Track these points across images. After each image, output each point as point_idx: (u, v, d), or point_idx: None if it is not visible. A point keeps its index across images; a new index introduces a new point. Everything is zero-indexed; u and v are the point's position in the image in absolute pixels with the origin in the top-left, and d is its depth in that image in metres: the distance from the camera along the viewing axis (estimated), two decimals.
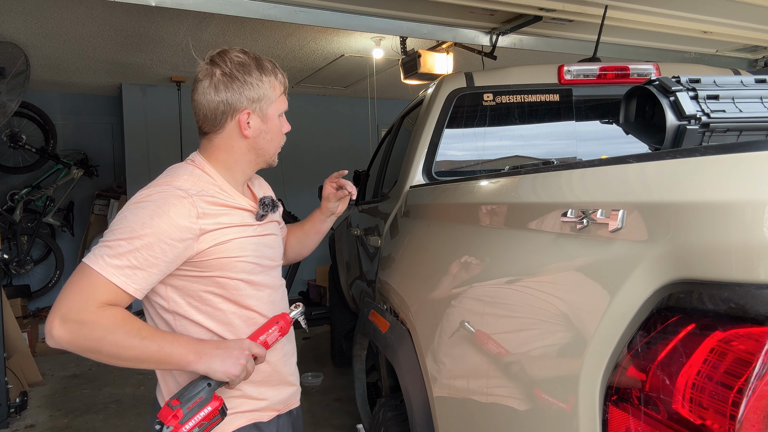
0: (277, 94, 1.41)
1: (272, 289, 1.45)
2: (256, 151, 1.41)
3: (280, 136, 1.45)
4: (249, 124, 1.37)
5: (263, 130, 1.40)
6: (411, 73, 4.40)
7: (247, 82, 1.35)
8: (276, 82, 1.40)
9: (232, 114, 1.35)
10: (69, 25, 4.24)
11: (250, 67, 1.36)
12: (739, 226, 0.65)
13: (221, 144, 1.39)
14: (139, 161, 6.41)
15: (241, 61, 1.36)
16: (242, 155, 1.40)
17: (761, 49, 4.44)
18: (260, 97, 1.37)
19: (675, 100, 1.13)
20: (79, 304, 1.16)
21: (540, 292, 1.00)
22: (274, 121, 1.41)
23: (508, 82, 2.35)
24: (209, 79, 1.35)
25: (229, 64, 1.34)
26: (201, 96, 1.36)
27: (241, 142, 1.38)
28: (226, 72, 1.34)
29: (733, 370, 0.65)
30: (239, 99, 1.34)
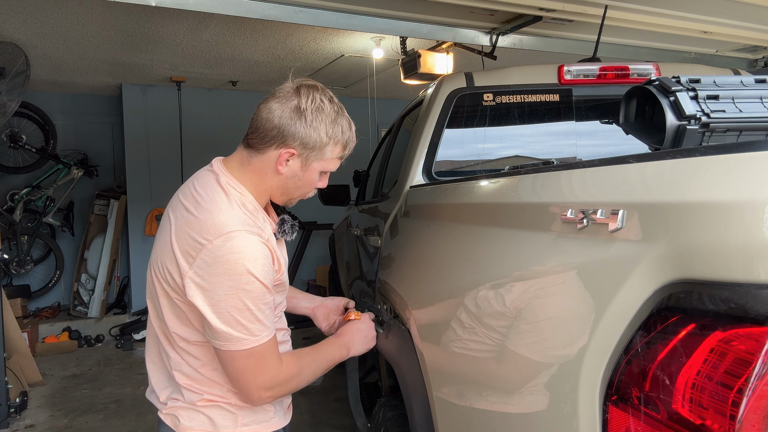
0: (333, 155, 1.39)
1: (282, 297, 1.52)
2: (283, 189, 1.40)
3: (310, 188, 1.44)
4: (288, 162, 1.34)
5: (297, 176, 1.38)
6: (411, 73, 4.40)
7: (310, 126, 1.32)
8: (339, 144, 1.38)
9: (279, 145, 1.32)
10: (69, 25, 4.23)
11: (324, 116, 1.33)
12: (738, 226, 0.65)
13: (256, 166, 1.36)
14: (139, 161, 6.41)
15: (320, 106, 1.33)
16: (270, 186, 1.38)
17: (761, 49, 4.44)
18: (314, 147, 1.34)
19: (675, 100, 1.13)
20: (272, 371, 1.32)
21: (540, 292, 1.00)
22: (312, 174, 1.39)
23: (508, 82, 2.34)
24: (283, 102, 1.32)
25: (309, 104, 1.32)
26: (265, 112, 1.33)
27: (273, 175, 1.36)
28: (300, 107, 1.31)
29: (733, 370, 0.65)
30: (294, 136, 1.31)
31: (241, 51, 5.06)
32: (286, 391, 1.38)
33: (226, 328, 1.24)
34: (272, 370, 1.31)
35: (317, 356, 1.46)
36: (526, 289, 1.05)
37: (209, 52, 5.11)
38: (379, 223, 2.51)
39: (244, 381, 1.30)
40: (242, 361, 1.27)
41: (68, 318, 6.25)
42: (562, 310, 0.92)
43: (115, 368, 5.07)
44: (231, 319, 1.24)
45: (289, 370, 1.36)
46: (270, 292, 1.29)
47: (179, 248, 1.27)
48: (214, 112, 6.61)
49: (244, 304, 1.24)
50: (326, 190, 3.83)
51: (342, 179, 4.23)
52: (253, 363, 1.28)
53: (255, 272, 1.24)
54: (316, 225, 6.52)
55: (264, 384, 1.31)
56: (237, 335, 1.25)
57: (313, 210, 5.97)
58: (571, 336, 0.87)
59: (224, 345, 1.26)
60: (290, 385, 1.37)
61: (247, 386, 1.31)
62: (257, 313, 1.26)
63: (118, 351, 5.65)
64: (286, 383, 1.36)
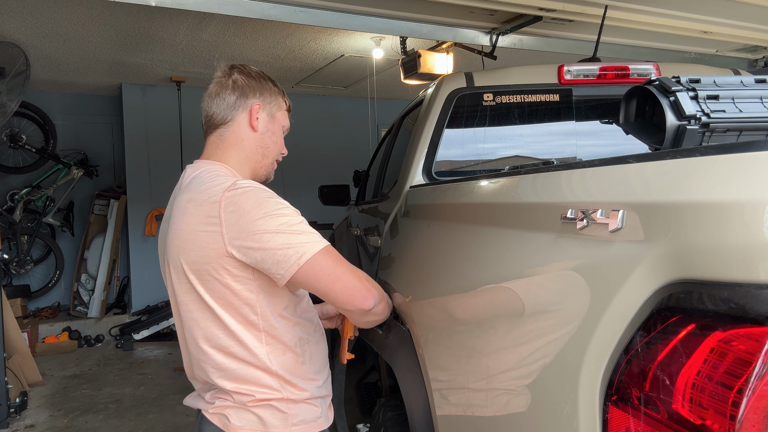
0: (284, 107, 1.52)
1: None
2: (263, 150, 1.46)
3: (281, 144, 1.52)
4: (258, 118, 1.44)
5: (270, 129, 1.47)
6: (411, 73, 4.40)
7: (263, 85, 1.46)
8: (283, 98, 1.52)
9: (245, 105, 1.43)
10: (69, 25, 4.24)
11: (265, 76, 1.49)
12: (739, 226, 0.65)
13: (231, 138, 1.44)
14: (139, 161, 6.41)
15: (259, 71, 1.48)
16: (251, 151, 1.45)
17: (761, 49, 4.44)
18: (272, 100, 1.47)
19: (675, 100, 1.13)
20: (353, 266, 1.34)
21: (540, 293, 1.00)
22: (279, 125, 1.50)
23: (508, 82, 2.34)
24: (227, 78, 1.44)
25: (250, 71, 1.46)
26: (216, 95, 1.43)
27: (251, 135, 1.44)
28: (244, 73, 1.45)
29: (733, 370, 0.65)
30: (253, 94, 1.44)
31: (241, 51, 5.06)
32: (380, 290, 1.38)
33: (289, 240, 1.22)
34: (351, 266, 1.33)
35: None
36: (526, 289, 1.05)
37: (209, 52, 5.11)
38: (379, 223, 2.51)
39: (340, 280, 1.28)
40: (326, 261, 1.26)
41: (68, 318, 6.25)
42: (562, 310, 0.92)
43: (115, 368, 5.07)
44: (287, 235, 1.23)
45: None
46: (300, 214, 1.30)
47: (200, 228, 1.27)
48: None
49: (288, 220, 1.25)
50: (326, 190, 3.83)
51: (342, 179, 4.24)
52: (333, 261, 1.27)
53: (274, 196, 1.29)
54: (316, 225, 6.52)
55: (360, 274, 1.33)
56: (302, 241, 1.24)
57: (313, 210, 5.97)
58: (571, 336, 0.87)
59: (300, 259, 1.22)
60: (377, 286, 1.39)
61: (347, 284, 1.29)
62: (303, 225, 1.27)
63: (118, 351, 5.65)
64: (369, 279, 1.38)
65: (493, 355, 1.13)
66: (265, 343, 1.33)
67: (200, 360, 1.37)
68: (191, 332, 1.37)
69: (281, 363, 1.34)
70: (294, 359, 1.37)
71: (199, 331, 1.35)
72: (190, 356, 1.42)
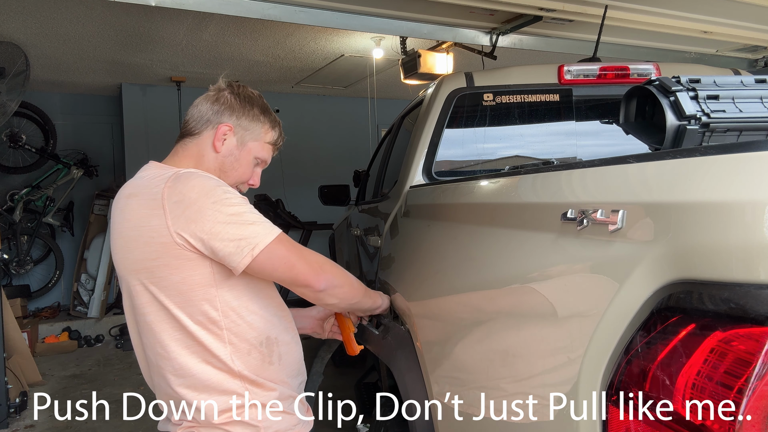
0: (265, 139, 1.44)
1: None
2: (220, 172, 1.39)
3: (246, 174, 1.44)
4: (225, 139, 1.38)
5: (234, 155, 1.40)
6: (411, 73, 4.40)
7: (245, 111, 1.40)
8: (270, 131, 1.45)
9: (216, 123, 1.38)
10: (69, 25, 4.24)
11: (256, 103, 1.43)
12: (739, 226, 0.65)
13: (193, 150, 1.39)
14: (139, 161, 6.31)
15: (251, 95, 1.43)
16: (207, 170, 1.36)
17: (761, 49, 4.44)
18: (248, 128, 1.41)
19: (675, 100, 1.13)
20: (314, 253, 1.33)
21: (540, 293, 1.00)
22: (248, 156, 1.42)
23: (508, 82, 2.34)
24: (216, 92, 1.41)
25: (240, 92, 1.42)
26: (200, 102, 1.42)
27: (211, 154, 1.38)
28: (234, 93, 1.41)
29: (733, 370, 0.65)
30: (228, 116, 1.39)
31: (241, 51, 5.06)
32: (339, 274, 1.36)
33: (237, 234, 1.19)
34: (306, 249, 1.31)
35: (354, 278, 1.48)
36: (526, 290, 1.05)
37: (209, 52, 5.11)
38: (379, 223, 2.51)
39: (294, 266, 1.26)
40: (279, 249, 1.23)
41: (68, 318, 6.25)
42: (562, 310, 0.92)
43: (115, 368, 5.07)
44: (239, 225, 1.20)
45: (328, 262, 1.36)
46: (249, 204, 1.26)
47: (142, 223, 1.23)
48: None
49: (237, 209, 1.22)
50: (326, 190, 3.83)
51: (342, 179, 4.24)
52: (291, 245, 1.26)
53: (219, 185, 1.24)
54: (316, 225, 6.52)
55: (318, 259, 1.31)
56: (253, 232, 1.21)
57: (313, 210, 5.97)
58: (571, 336, 0.87)
59: (253, 250, 1.20)
60: (339, 269, 1.37)
61: (299, 269, 1.26)
62: (252, 215, 1.23)
63: (117, 351, 5.65)
64: (333, 264, 1.36)
65: (493, 355, 1.13)
66: (228, 343, 1.27)
67: (159, 367, 1.30)
68: (147, 337, 1.30)
69: (246, 363, 1.28)
70: (260, 359, 1.31)
71: (154, 336, 1.28)
72: (148, 364, 1.36)
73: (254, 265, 1.22)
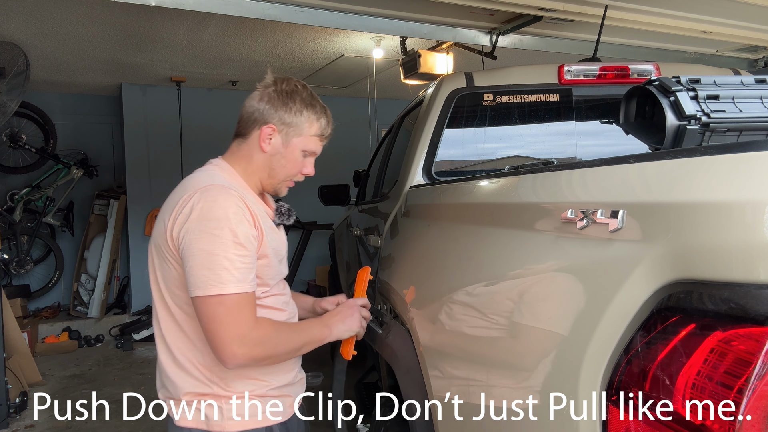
0: (310, 132, 1.48)
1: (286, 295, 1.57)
2: (269, 170, 1.48)
3: (294, 168, 1.50)
4: (270, 139, 1.45)
5: (281, 153, 1.47)
6: (411, 73, 4.40)
7: (287, 106, 1.45)
8: (315, 123, 1.48)
9: (261, 124, 1.45)
10: (69, 25, 4.23)
11: (297, 96, 1.46)
12: (739, 226, 0.65)
13: (244, 152, 1.48)
14: (139, 161, 6.41)
15: (293, 90, 1.47)
16: (258, 168, 1.48)
17: (761, 49, 4.44)
18: (291, 123, 1.45)
19: (675, 100, 1.13)
20: (245, 327, 1.29)
21: (540, 293, 1.00)
22: (294, 151, 1.48)
23: (508, 82, 2.34)
24: (260, 91, 1.47)
25: (283, 88, 1.46)
26: (248, 100, 1.49)
27: (259, 155, 1.47)
28: (277, 90, 1.46)
29: (733, 370, 0.65)
30: (272, 114, 1.44)
31: (241, 51, 5.06)
32: (261, 352, 1.33)
33: (196, 270, 1.27)
34: (245, 324, 1.29)
35: (296, 328, 1.47)
36: (526, 290, 1.05)
37: (209, 52, 5.11)
38: (379, 223, 2.51)
39: (216, 332, 1.28)
40: (212, 308, 1.27)
41: (68, 318, 6.25)
42: (562, 310, 0.92)
43: (115, 368, 5.07)
44: (201, 262, 1.27)
45: (265, 329, 1.33)
46: (243, 247, 1.30)
47: (167, 210, 1.36)
48: (214, 112, 6.61)
49: (212, 249, 1.27)
50: (326, 190, 3.83)
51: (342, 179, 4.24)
52: (224, 312, 1.27)
53: (226, 220, 1.29)
54: (316, 225, 6.52)
55: (236, 337, 1.28)
56: (204, 279, 1.27)
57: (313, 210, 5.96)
58: (571, 336, 0.87)
59: (195, 291, 1.28)
60: (266, 346, 1.33)
61: (218, 338, 1.28)
62: (224, 261, 1.27)
63: (118, 351, 5.65)
64: (261, 342, 1.32)
65: (493, 355, 1.13)
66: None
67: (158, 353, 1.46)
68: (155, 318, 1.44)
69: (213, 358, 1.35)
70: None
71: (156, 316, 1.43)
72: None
73: (194, 303, 1.31)
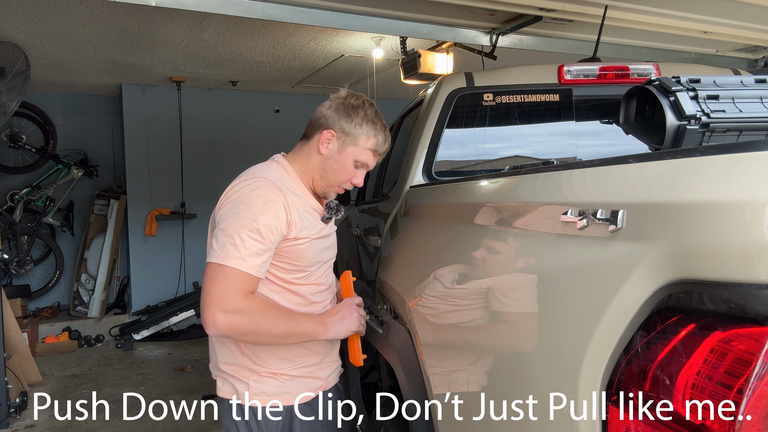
0: (365, 145, 1.59)
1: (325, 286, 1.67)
2: (322, 172, 1.60)
3: (344, 176, 1.61)
4: (328, 143, 1.58)
5: (334, 158, 1.59)
6: (411, 73, 4.40)
7: (350, 117, 1.58)
8: (372, 138, 1.60)
9: (323, 128, 1.58)
10: (69, 25, 4.23)
11: (361, 111, 1.59)
12: (739, 226, 0.65)
13: (305, 151, 1.62)
14: (139, 161, 6.41)
15: (359, 105, 1.60)
16: (313, 168, 1.60)
17: (761, 49, 4.44)
18: (350, 133, 1.58)
19: (675, 100, 1.13)
20: (232, 297, 1.38)
21: (540, 293, 1.00)
22: (347, 159, 1.59)
23: (508, 82, 2.34)
24: (333, 100, 1.61)
25: (350, 101, 1.60)
26: (319, 107, 1.63)
27: (316, 156, 1.60)
28: (345, 102, 1.60)
29: (733, 370, 0.65)
30: (334, 122, 1.58)
31: (241, 51, 5.06)
32: (242, 324, 1.41)
33: (213, 241, 1.43)
34: (232, 294, 1.38)
35: (288, 315, 1.52)
36: (526, 290, 1.05)
37: (209, 52, 5.11)
38: (379, 223, 2.51)
39: (205, 294, 1.39)
40: (211, 273, 1.40)
41: (68, 318, 6.25)
42: (563, 310, 0.92)
43: (115, 368, 5.07)
44: (218, 235, 1.42)
45: (252, 304, 1.42)
46: (259, 233, 1.41)
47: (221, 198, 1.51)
48: (214, 112, 6.61)
49: (231, 226, 1.41)
50: None
51: None
52: (219, 279, 1.39)
53: (254, 206, 1.42)
54: None
55: (220, 302, 1.37)
56: (215, 249, 1.41)
57: None
58: (571, 336, 0.87)
59: (207, 257, 1.43)
60: (248, 318, 1.41)
61: (205, 300, 1.39)
62: (236, 238, 1.40)
63: (118, 351, 5.65)
64: (244, 314, 1.40)
65: (493, 355, 1.13)
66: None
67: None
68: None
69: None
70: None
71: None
72: None
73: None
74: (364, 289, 2.77)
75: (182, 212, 6.43)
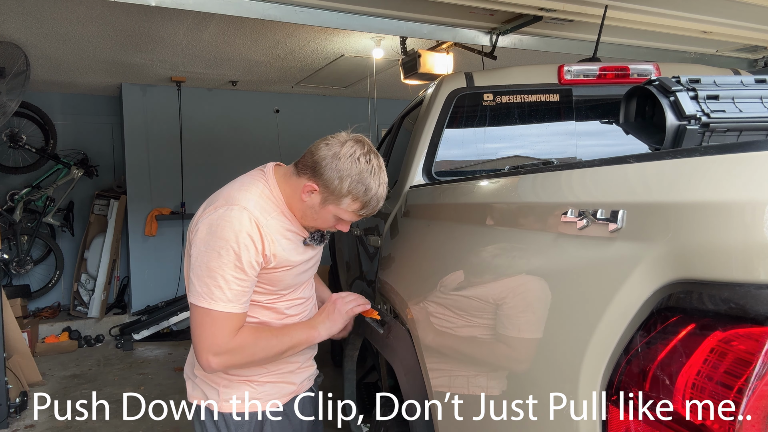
0: (348, 208, 1.50)
1: (303, 299, 1.67)
2: (302, 214, 1.54)
3: (325, 225, 1.57)
4: (310, 195, 1.49)
5: (314, 210, 1.52)
6: (411, 73, 4.40)
7: (339, 174, 1.45)
8: (357, 202, 1.49)
9: (309, 177, 1.48)
10: (69, 25, 4.23)
11: (354, 169, 1.45)
12: (739, 226, 0.65)
13: (293, 185, 1.53)
14: (139, 161, 6.41)
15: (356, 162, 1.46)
16: (295, 207, 1.54)
17: (761, 49, 4.44)
18: (333, 192, 1.47)
19: (675, 100, 1.13)
20: (222, 339, 1.41)
21: (540, 292, 1.00)
22: (327, 215, 1.52)
23: (508, 82, 2.34)
24: (330, 146, 1.48)
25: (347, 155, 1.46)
26: (314, 147, 1.51)
27: (298, 198, 1.52)
28: (338, 155, 1.45)
29: (733, 370, 0.65)
30: (321, 176, 1.46)
31: (241, 51, 5.06)
32: (236, 360, 1.45)
33: (193, 279, 1.41)
34: (222, 337, 1.40)
35: (280, 333, 1.52)
36: (526, 290, 1.05)
37: (209, 52, 5.11)
38: (379, 223, 2.51)
39: (196, 339, 1.42)
40: (199, 316, 1.41)
41: (68, 318, 6.25)
42: (562, 310, 0.92)
43: (115, 368, 5.07)
44: (199, 274, 1.40)
45: (242, 339, 1.44)
46: (243, 272, 1.40)
47: (195, 218, 1.48)
48: (214, 112, 6.61)
49: (213, 266, 1.39)
50: None
51: None
52: (207, 323, 1.40)
53: (233, 244, 1.39)
54: None
55: (212, 347, 1.40)
56: (198, 290, 1.40)
57: None
58: (571, 336, 0.87)
59: (190, 297, 1.43)
60: (242, 354, 1.45)
61: (197, 345, 1.42)
62: (221, 280, 1.39)
63: (118, 351, 5.65)
64: (237, 352, 1.43)
65: (493, 355, 1.13)
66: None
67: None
68: None
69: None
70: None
71: None
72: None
73: (189, 305, 1.46)
74: (364, 289, 2.77)
75: (182, 212, 6.42)
